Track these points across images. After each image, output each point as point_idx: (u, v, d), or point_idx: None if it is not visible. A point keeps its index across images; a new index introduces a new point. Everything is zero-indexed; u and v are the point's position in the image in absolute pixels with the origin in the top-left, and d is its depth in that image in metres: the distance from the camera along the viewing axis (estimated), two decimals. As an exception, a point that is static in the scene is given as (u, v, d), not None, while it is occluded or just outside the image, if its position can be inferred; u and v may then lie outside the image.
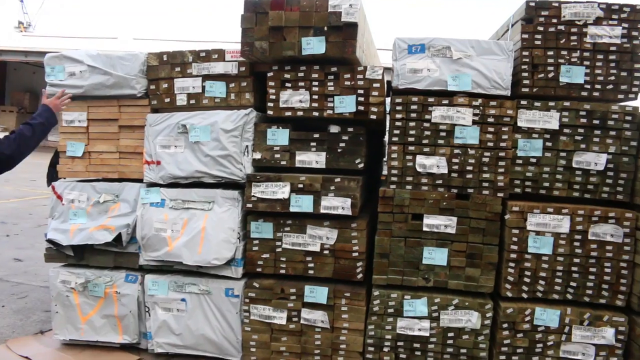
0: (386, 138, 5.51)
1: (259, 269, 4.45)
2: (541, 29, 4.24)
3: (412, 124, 4.25)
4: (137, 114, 4.67)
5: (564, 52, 4.20)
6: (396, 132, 4.30)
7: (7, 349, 4.62)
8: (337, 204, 4.28)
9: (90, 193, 4.79)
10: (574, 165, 4.21)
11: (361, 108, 4.23)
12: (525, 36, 4.25)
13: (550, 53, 4.22)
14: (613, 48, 4.17)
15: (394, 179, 4.32)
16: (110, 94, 4.67)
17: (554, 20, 4.23)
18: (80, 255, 4.78)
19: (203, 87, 4.51)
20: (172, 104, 4.59)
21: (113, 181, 4.84)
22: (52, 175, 5.11)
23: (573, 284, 4.22)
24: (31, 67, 28.60)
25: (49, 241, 4.75)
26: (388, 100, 4.76)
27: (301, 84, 4.30)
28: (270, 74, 4.34)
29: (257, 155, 4.44)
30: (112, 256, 4.74)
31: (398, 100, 4.28)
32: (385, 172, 5.14)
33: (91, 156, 4.84)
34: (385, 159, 6.25)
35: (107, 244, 4.65)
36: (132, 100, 4.68)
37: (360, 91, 4.22)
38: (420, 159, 4.28)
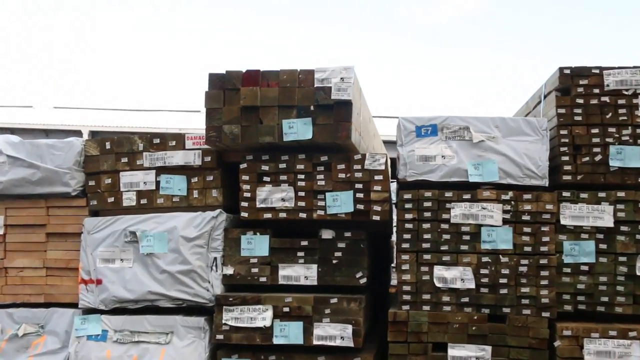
0: (394, 238, 5.62)
1: (232, 421, 4.47)
2: (581, 101, 4.52)
3: (426, 225, 4.44)
4: (70, 218, 4.86)
5: (612, 129, 4.45)
6: (406, 236, 4.46)
7: None
8: (334, 332, 4.35)
9: (5, 323, 4.83)
10: (638, 272, 4.35)
11: (361, 207, 4.46)
12: (562, 111, 4.51)
13: (595, 131, 4.47)
14: (673, 123, 4.41)
15: (407, 297, 4.43)
16: (37, 192, 4.91)
17: (596, 91, 4.52)
18: (-9, 409, 4.78)
19: (157, 183, 4.76)
20: (118, 205, 4.81)
21: (37, 306, 4.87)
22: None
23: None
24: None
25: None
26: (394, 186, 4.97)
27: (283, 177, 4.53)
28: (243, 166, 4.60)
29: (229, 270, 4.57)
30: (34, 409, 4.71)
31: (407, 195, 4.49)
32: (394, 283, 5.25)
33: (8, 273, 4.94)
34: (393, 266, 6.35)
35: (28, 393, 4.64)
36: (65, 200, 4.89)
37: (359, 185, 4.47)
38: (439, 270, 4.41)
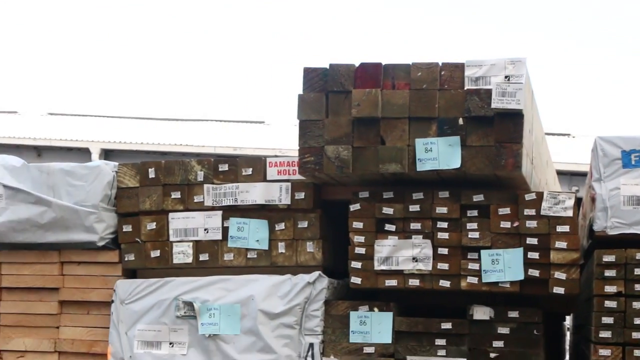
0: (567, 322, 5.07)
1: None
2: None
3: (638, 304, 4.05)
4: (96, 280, 4.72)
5: None
6: (607, 320, 4.03)
7: None
8: None
9: None
10: None
11: (535, 273, 4.15)
12: None
13: None
14: None
15: None
16: (47, 239, 4.75)
17: None
18: None
19: (225, 230, 4.59)
20: (166, 262, 4.68)
21: None
22: None
23: None
24: None
25: None
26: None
27: (415, 226, 4.30)
28: (354, 207, 4.39)
29: None
30: None
31: (608, 258, 4.11)
32: None
33: (4, 359, 4.72)
34: None
35: None
36: (88, 253, 4.74)
37: (532, 240, 4.16)
38: (660, 375, 3.97)
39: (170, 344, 4.46)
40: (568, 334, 7.08)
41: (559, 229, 4.12)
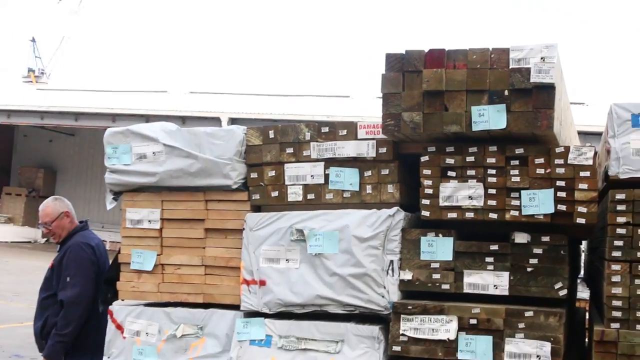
0: (583, 246, 5.67)
1: None
2: None
3: None
4: (231, 213, 5.37)
5: None
6: (618, 243, 4.61)
7: None
8: (529, 349, 4.54)
9: (163, 323, 5.40)
10: None
11: (562, 208, 4.66)
12: None
13: None
14: None
15: (617, 314, 4.58)
16: (195, 184, 5.44)
17: None
18: (147, 414, 5.40)
19: (326, 176, 5.16)
20: (282, 200, 5.26)
21: (196, 307, 5.41)
22: (108, 296, 5.78)
23: None
24: (47, 132, 31.09)
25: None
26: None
27: (471, 172, 4.84)
28: (424, 158, 4.93)
29: (407, 275, 4.91)
30: (192, 416, 5.30)
31: (619, 196, 4.63)
32: (583, 296, 5.33)
33: (165, 270, 5.52)
34: (580, 277, 6.60)
35: (187, 398, 5.23)
36: (225, 193, 5.40)
37: (561, 183, 4.68)
38: (657, 284, 4.52)
39: (287, 260, 5.06)
40: (583, 254, 7.78)
41: (582, 174, 4.60)
